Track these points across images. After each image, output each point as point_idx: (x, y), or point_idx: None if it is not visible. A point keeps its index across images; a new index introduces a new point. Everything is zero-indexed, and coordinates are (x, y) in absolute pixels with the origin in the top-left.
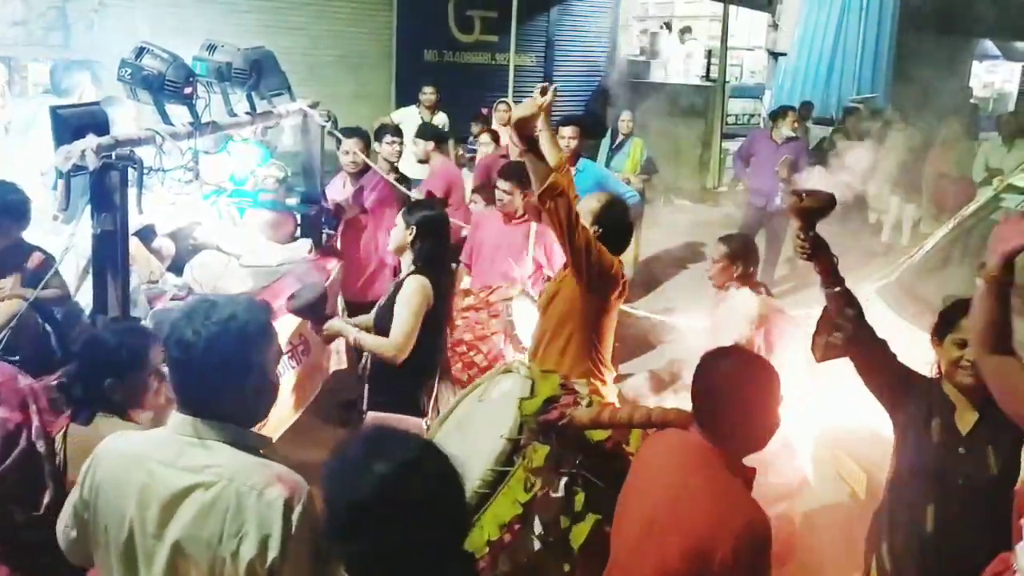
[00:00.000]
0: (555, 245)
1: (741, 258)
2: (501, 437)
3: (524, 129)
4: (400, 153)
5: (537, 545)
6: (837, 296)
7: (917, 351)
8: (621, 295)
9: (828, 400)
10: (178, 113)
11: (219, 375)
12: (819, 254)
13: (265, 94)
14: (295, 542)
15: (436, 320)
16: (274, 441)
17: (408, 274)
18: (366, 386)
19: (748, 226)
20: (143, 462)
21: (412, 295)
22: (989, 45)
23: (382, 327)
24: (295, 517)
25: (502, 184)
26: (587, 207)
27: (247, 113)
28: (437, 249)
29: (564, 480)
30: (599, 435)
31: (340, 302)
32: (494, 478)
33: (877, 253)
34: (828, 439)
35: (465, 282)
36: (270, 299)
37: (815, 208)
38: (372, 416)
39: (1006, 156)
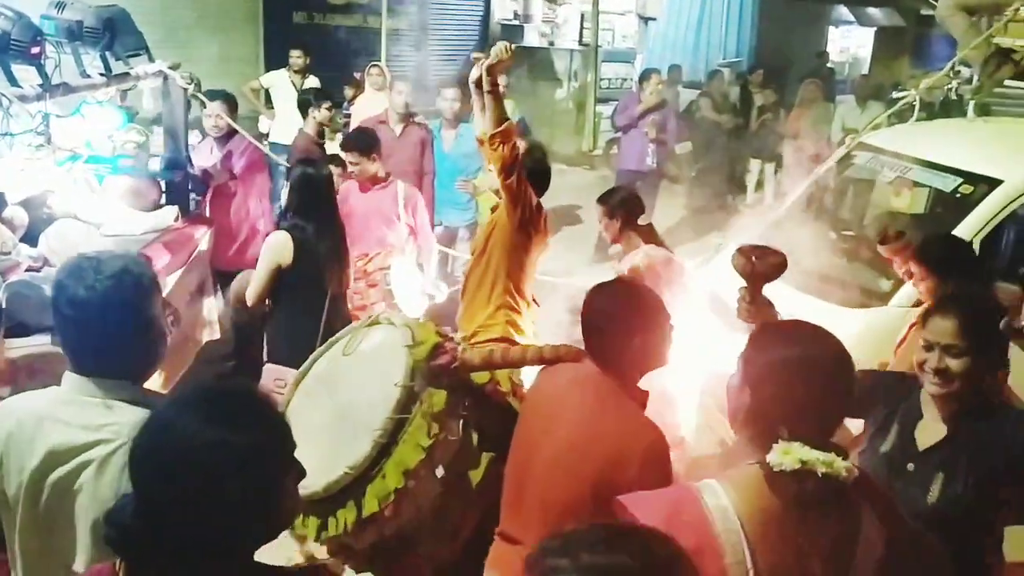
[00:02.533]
0: (421, 207)
1: (620, 209)
2: (396, 385)
3: (495, 73)
4: (332, 118)
5: (439, 489)
6: None
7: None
8: (545, 231)
9: (706, 349)
10: (26, 75)
11: (118, 329)
12: (766, 315)
13: (120, 54)
14: None
15: (312, 278)
16: None
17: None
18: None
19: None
20: (43, 422)
21: (264, 250)
22: (844, 11)
23: None
24: None
25: (348, 157)
26: None
27: (101, 74)
28: (307, 206)
29: (460, 422)
30: (481, 378)
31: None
32: (393, 426)
33: (742, 212)
34: (700, 388)
35: None
36: None
37: (769, 272)
38: (269, 368)
39: (860, 116)
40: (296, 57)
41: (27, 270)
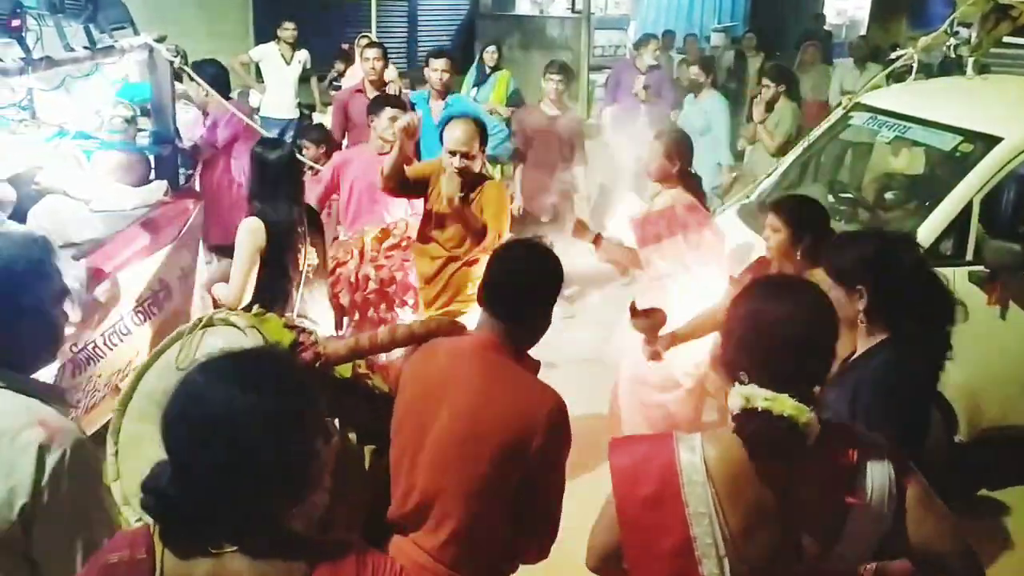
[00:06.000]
0: None
1: (675, 154)
2: None
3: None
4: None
5: (327, 499)
6: None
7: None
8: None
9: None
10: (8, 48)
11: None
12: None
13: (105, 27)
14: (49, 489)
15: (276, 265)
16: None
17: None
18: None
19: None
20: None
21: (240, 239)
22: None
23: None
24: (50, 462)
25: (397, 113)
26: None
27: (85, 47)
28: (268, 187)
29: (335, 422)
30: (345, 370)
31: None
32: None
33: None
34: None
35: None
36: (124, 245)
37: None
38: None
39: (859, 78)
40: (289, 29)
41: None
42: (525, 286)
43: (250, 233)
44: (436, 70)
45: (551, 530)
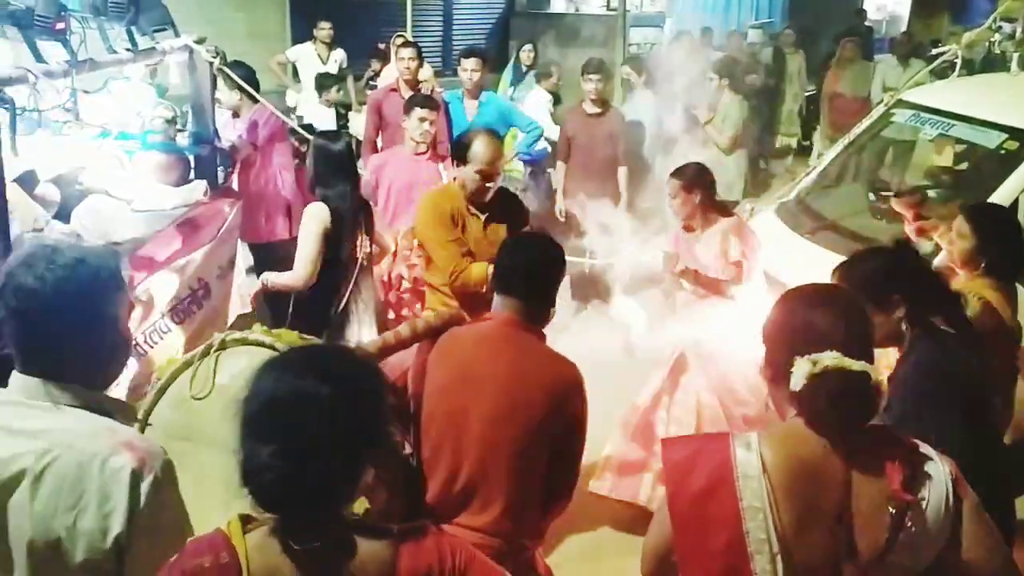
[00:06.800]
0: None
1: (696, 185)
2: None
3: None
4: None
5: (385, 495)
6: None
7: (815, 269)
8: None
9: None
10: (52, 51)
11: (68, 326)
12: None
13: (146, 29)
14: (145, 516)
15: (342, 246)
16: None
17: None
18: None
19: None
20: None
21: (307, 222)
22: None
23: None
24: (144, 488)
25: (428, 115)
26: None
27: (128, 49)
28: (324, 174)
29: None
30: None
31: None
32: None
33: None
34: None
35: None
36: (164, 244)
37: None
38: None
39: (902, 75)
40: (325, 29)
41: None
42: (540, 269)
43: (316, 217)
44: (467, 70)
45: (575, 480)
